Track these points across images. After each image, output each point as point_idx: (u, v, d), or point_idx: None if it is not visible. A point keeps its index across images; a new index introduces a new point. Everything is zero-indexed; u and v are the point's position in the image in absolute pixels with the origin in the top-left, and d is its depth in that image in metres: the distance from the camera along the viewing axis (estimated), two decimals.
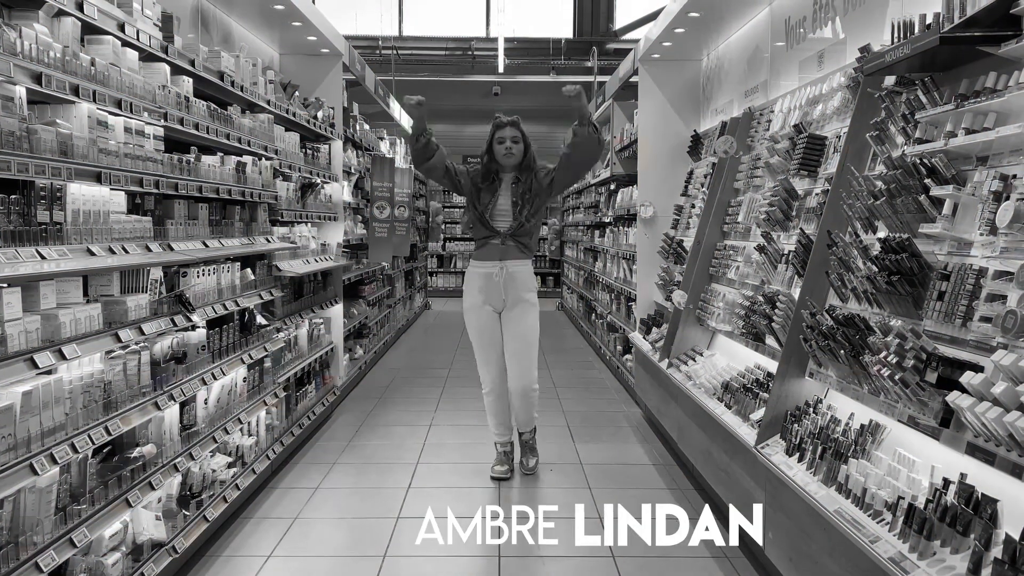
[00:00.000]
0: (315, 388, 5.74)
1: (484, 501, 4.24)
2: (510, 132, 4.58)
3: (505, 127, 4.59)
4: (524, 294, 4.55)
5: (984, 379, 2.07)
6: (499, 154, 4.57)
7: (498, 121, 4.63)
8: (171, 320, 3.33)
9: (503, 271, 4.50)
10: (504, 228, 4.53)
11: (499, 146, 4.57)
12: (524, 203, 4.54)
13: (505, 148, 4.56)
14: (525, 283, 4.56)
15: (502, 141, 4.57)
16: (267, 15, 5.56)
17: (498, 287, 4.51)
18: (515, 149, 4.57)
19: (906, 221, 2.70)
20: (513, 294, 4.53)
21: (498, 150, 4.57)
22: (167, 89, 3.45)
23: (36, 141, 2.46)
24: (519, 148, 4.59)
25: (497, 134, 4.59)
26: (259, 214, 4.58)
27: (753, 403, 3.71)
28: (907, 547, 2.27)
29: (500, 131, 4.59)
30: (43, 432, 2.48)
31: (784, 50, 4.82)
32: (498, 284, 4.50)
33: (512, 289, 4.52)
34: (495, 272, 4.50)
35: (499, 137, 4.58)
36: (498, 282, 4.50)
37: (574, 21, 17.79)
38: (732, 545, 3.70)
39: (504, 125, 4.59)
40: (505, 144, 4.57)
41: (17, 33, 2.43)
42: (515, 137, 4.58)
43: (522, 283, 4.55)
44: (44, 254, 2.46)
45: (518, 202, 4.54)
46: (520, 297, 4.54)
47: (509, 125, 4.59)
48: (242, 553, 3.62)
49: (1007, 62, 2.39)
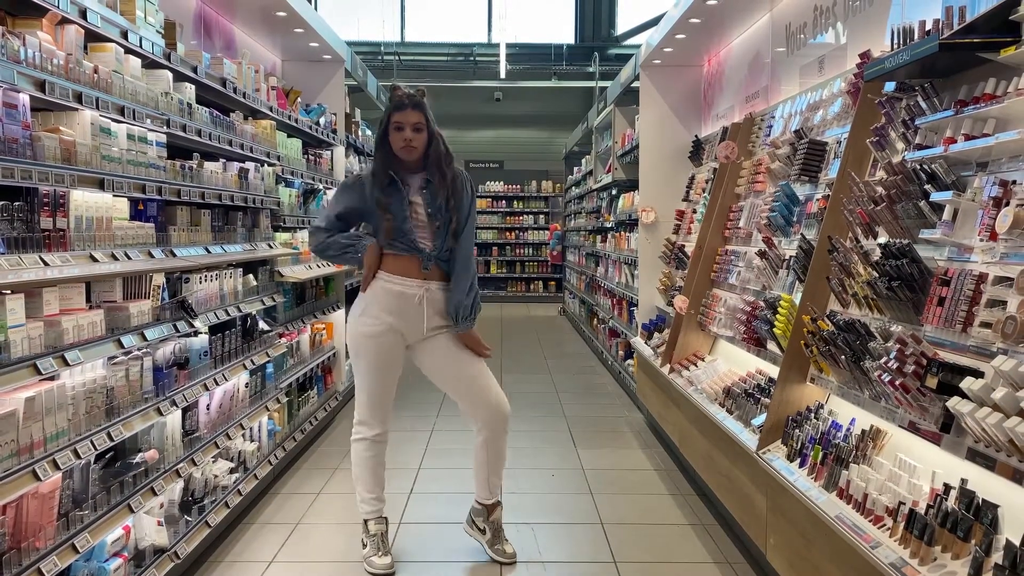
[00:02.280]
0: (317, 394, 5.75)
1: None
2: (413, 116, 3.29)
3: (406, 108, 3.28)
4: (445, 320, 3.48)
5: (984, 384, 2.07)
6: (395, 145, 3.32)
7: (396, 99, 3.31)
8: (173, 326, 3.34)
9: (427, 293, 3.42)
10: (428, 249, 3.38)
11: (396, 134, 3.31)
12: (446, 217, 3.37)
13: (404, 138, 3.30)
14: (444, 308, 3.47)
15: (400, 127, 3.30)
16: (269, 22, 5.58)
17: (419, 311, 3.41)
18: (416, 140, 3.31)
19: (906, 227, 2.71)
20: (436, 320, 3.46)
21: (394, 140, 3.32)
22: (170, 96, 3.46)
23: (39, 148, 2.47)
24: (421, 138, 3.32)
25: (394, 117, 3.29)
26: (261, 220, 4.60)
27: (755, 408, 3.71)
28: (908, 552, 2.26)
29: (399, 113, 3.29)
30: (46, 438, 2.48)
31: (785, 56, 4.84)
32: (420, 308, 3.41)
33: (435, 316, 3.45)
34: (417, 294, 3.40)
35: (396, 122, 3.30)
36: (420, 306, 3.41)
37: (576, 27, 17.84)
38: (734, 550, 3.71)
39: (404, 106, 3.29)
40: (404, 132, 3.30)
41: (21, 41, 2.44)
42: (417, 124, 3.30)
43: (443, 308, 3.47)
44: (47, 261, 2.47)
45: (437, 216, 3.36)
46: (442, 323, 3.48)
47: (411, 106, 3.29)
48: (244, 559, 3.63)
49: (1006, 68, 2.40)
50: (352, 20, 16.54)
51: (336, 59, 6.68)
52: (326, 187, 6.33)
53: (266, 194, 4.61)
